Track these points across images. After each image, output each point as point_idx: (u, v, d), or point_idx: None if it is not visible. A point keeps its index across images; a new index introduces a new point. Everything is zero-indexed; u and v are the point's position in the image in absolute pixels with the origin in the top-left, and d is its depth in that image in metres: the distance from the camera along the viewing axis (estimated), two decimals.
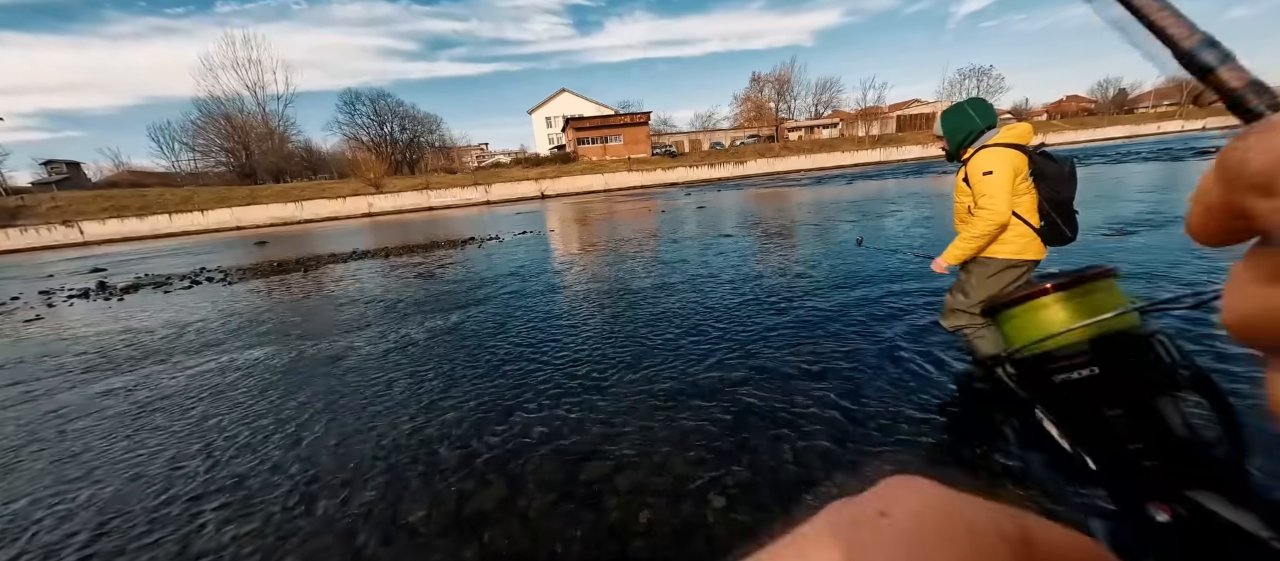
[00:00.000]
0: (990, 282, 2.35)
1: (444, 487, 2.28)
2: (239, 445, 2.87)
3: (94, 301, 8.75)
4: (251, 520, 2.18)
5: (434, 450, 2.61)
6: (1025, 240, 2.25)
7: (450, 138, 66.18)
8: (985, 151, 2.23)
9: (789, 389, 2.90)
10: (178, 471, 2.64)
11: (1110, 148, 34.19)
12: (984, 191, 2.20)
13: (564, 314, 5.07)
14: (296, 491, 2.36)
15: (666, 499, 2.05)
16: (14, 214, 34.44)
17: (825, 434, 2.42)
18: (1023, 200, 2.22)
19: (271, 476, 2.50)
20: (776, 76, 65.47)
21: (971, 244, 2.30)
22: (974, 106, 2.31)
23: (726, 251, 7.95)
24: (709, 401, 2.85)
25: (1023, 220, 2.23)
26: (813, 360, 3.29)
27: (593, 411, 2.86)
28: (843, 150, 53.05)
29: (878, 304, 4.38)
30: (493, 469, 2.39)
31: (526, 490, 2.20)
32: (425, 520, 2.07)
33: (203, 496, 2.39)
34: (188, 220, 36.96)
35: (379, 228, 23.79)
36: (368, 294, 7.14)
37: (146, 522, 2.23)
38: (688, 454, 2.35)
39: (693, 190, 32.96)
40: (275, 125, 55.57)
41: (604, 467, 2.31)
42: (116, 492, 2.49)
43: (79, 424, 3.40)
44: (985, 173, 2.19)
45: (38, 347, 5.69)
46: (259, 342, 5.01)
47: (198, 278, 10.59)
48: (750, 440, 2.42)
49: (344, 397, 3.40)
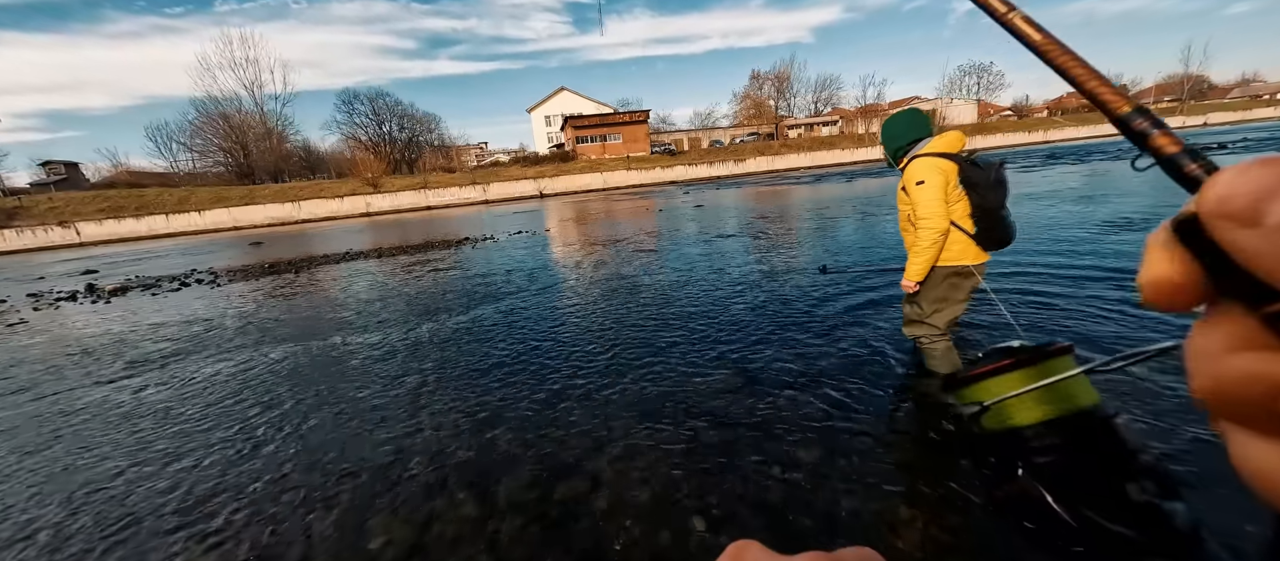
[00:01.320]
0: (938, 290, 2.44)
1: (411, 508, 2.14)
2: (199, 460, 2.74)
3: (81, 304, 8.62)
4: (203, 541, 2.04)
5: (406, 464, 2.48)
6: (961, 246, 2.31)
7: (449, 137, 66.08)
8: (917, 161, 2.29)
9: (778, 402, 2.77)
10: (97, 493, 2.50)
11: (1111, 144, 33.99)
12: (918, 200, 2.27)
13: (553, 319, 4.94)
14: (245, 508, 2.22)
15: (645, 522, 1.92)
16: (11, 215, 34.28)
17: (814, 452, 2.28)
18: (956, 207, 2.27)
19: (218, 495, 2.37)
20: (776, 74, 65.25)
21: (925, 256, 2.34)
22: (908, 116, 2.39)
23: (724, 252, 7.81)
24: (696, 415, 2.71)
25: (958, 227, 2.29)
26: (802, 371, 3.16)
27: (574, 424, 2.73)
28: (843, 147, 52.83)
29: (872, 312, 4.24)
30: (464, 486, 2.25)
31: (498, 510, 2.07)
32: (386, 546, 1.93)
33: (160, 518, 2.25)
34: (185, 220, 36.81)
35: (376, 227, 23.66)
36: (355, 297, 7.00)
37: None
38: (672, 472, 2.22)
39: (692, 188, 32.79)
40: (273, 125, 55.34)
41: (582, 486, 2.17)
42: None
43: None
44: (918, 183, 2.26)
45: (5, 355, 5.56)
46: (234, 348, 4.87)
47: (188, 279, 10.46)
48: (736, 457, 2.29)
49: (315, 407, 3.27)
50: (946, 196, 2.22)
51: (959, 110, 65.62)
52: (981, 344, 3.22)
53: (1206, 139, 27.61)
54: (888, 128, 2.45)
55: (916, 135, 2.36)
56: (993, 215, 2.20)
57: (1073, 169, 17.25)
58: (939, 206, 2.22)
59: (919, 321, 2.55)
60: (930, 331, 2.53)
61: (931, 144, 2.29)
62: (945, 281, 2.41)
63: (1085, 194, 10.48)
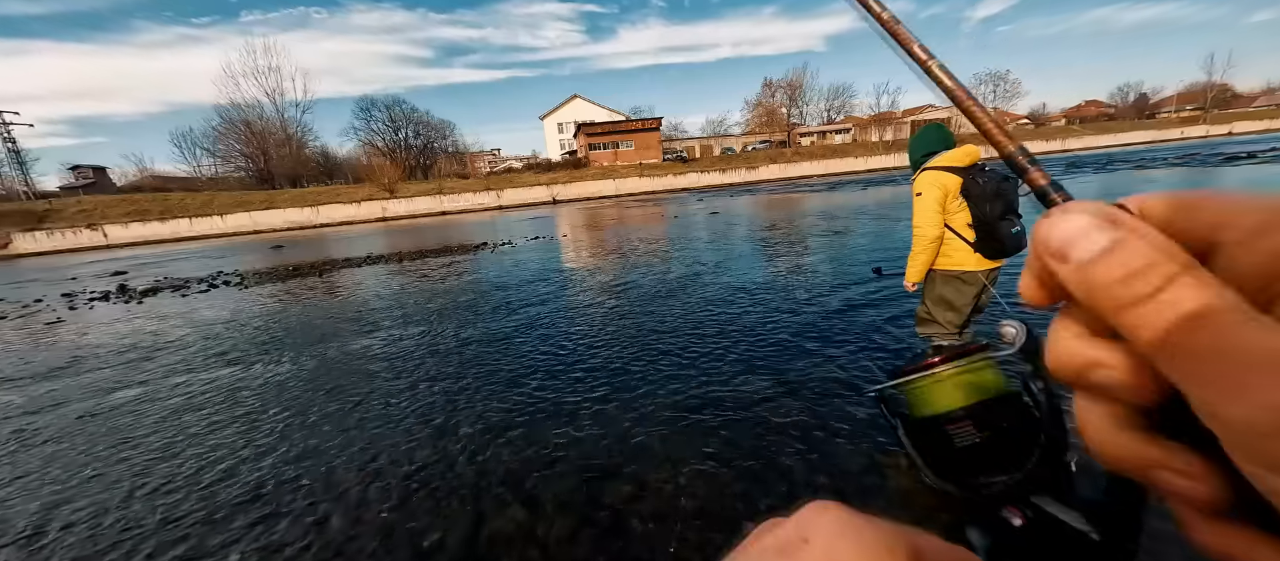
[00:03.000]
0: (942, 292, 2.58)
1: (460, 508, 2.17)
2: (252, 455, 2.80)
3: (114, 304, 8.85)
4: (269, 537, 2.09)
5: (450, 464, 2.51)
6: (962, 253, 2.46)
7: (463, 143, 66.89)
8: (922, 174, 2.48)
9: (819, 408, 2.76)
10: (165, 492, 2.57)
11: (1133, 153, 33.42)
12: (915, 210, 2.49)
13: (577, 323, 4.97)
14: (314, 506, 2.27)
15: (697, 526, 1.93)
16: (42, 217, 35.37)
17: (859, 452, 2.28)
18: (957, 217, 2.42)
19: (281, 489, 2.42)
20: (788, 82, 65.20)
21: (917, 261, 2.54)
22: (929, 131, 2.57)
23: (741, 258, 7.81)
24: (735, 418, 2.72)
25: (958, 235, 2.44)
26: (839, 372, 3.15)
27: (613, 427, 2.75)
28: (856, 155, 52.53)
29: (897, 306, 4.21)
30: (510, 488, 2.28)
31: (545, 513, 2.09)
32: (440, 545, 1.96)
33: (219, 517, 2.31)
34: (207, 224, 37.67)
35: (393, 232, 24.00)
36: (379, 300, 7.11)
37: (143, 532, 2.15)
38: (717, 476, 2.23)
39: (704, 195, 32.82)
40: (293, 131, 56.57)
41: (627, 489, 2.19)
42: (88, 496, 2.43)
43: (46, 433, 3.37)
44: (917, 194, 2.47)
45: (56, 353, 5.73)
46: (267, 350, 4.98)
47: (215, 281, 10.70)
48: (781, 460, 2.29)
49: (356, 408, 3.33)
50: (945, 207, 2.41)
51: None
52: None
53: (1233, 147, 26.99)
54: (912, 141, 2.67)
55: (931, 149, 2.54)
56: (990, 225, 2.31)
57: (1094, 178, 16.98)
58: (930, 216, 2.43)
59: (928, 320, 2.70)
60: (939, 331, 2.64)
61: (941, 157, 2.46)
62: (945, 284, 2.56)
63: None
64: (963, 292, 2.54)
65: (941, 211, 2.43)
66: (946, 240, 2.49)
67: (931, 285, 2.64)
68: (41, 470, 2.88)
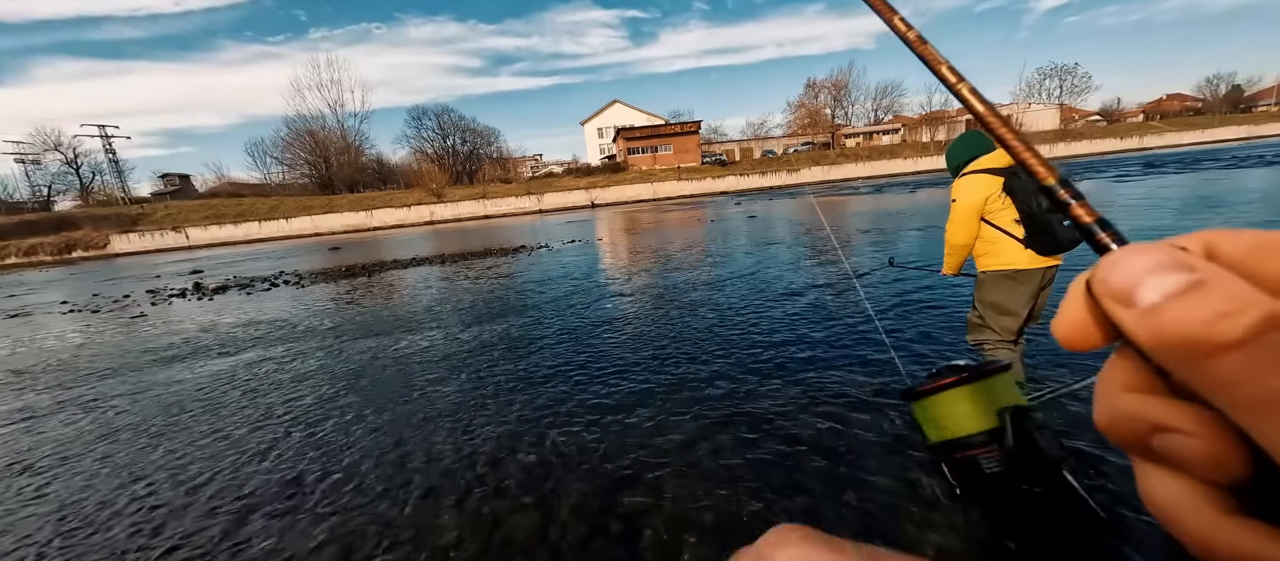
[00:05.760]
0: (993, 292, 2.48)
1: (477, 507, 2.21)
2: (287, 448, 2.96)
3: (189, 300, 9.66)
4: (284, 532, 2.20)
5: (471, 463, 2.56)
6: (1012, 251, 2.36)
7: (507, 149, 69.01)
8: (960, 179, 2.45)
9: (847, 420, 2.63)
10: (204, 481, 2.74)
11: (1225, 150, 30.31)
12: (950, 216, 2.49)
13: (608, 326, 4.98)
14: (331, 502, 2.37)
15: (710, 538, 1.87)
16: (134, 221, 39.32)
17: (887, 469, 2.14)
18: (1003, 214, 2.35)
19: (299, 486, 2.54)
20: (833, 82, 63.34)
21: (950, 259, 2.58)
22: (967, 138, 2.53)
23: (775, 263, 7.61)
24: (757, 430, 2.63)
25: (1005, 232, 2.35)
26: (866, 385, 2.99)
27: (633, 434, 2.72)
28: (905, 157, 50.38)
29: (930, 316, 3.96)
30: (527, 490, 2.30)
31: (560, 517, 2.09)
32: (457, 544, 1.99)
33: (250, 504, 2.46)
34: (274, 227, 40.62)
35: (439, 235, 25.03)
36: (422, 299, 7.40)
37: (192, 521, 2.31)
38: (737, 486, 2.16)
39: (743, 199, 32.33)
40: (352, 140, 60.20)
41: (644, 498, 2.15)
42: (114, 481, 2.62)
43: (124, 419, 3.66)
44: (952, 199, 2.46)
45: (137, 341, 6.30)
46: (316, 343, 5.27)
47: (277, 280, 11.48)
48: (801, 475, 2.19)
49: (385, 404, 3.46)
50: (986, 208, 2.38)
51: (1038, 116, 60.76)
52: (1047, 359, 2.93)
53: None
54: (950, 149, 2.63)
55: (972, 153, 2.48)
56: (1039, 219, 2.22)
57: (1176, 179, 15.51)
58: (961, 223, 2.43)
59: (980, 325, 2.56)
60: (991, 337, 2.50)
61: (980, 161, 2.40)
62: (996, 286, 2.44)
63: (1189, 205, 9.37)
64: (1017, 294, 2.39)
65: (976, 218, 2.39)
66: (993, 239, 2.39)
67: (982, 288, 2.52)
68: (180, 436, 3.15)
